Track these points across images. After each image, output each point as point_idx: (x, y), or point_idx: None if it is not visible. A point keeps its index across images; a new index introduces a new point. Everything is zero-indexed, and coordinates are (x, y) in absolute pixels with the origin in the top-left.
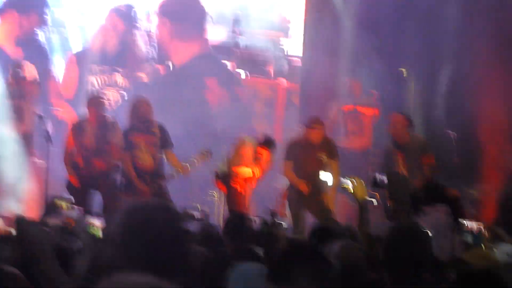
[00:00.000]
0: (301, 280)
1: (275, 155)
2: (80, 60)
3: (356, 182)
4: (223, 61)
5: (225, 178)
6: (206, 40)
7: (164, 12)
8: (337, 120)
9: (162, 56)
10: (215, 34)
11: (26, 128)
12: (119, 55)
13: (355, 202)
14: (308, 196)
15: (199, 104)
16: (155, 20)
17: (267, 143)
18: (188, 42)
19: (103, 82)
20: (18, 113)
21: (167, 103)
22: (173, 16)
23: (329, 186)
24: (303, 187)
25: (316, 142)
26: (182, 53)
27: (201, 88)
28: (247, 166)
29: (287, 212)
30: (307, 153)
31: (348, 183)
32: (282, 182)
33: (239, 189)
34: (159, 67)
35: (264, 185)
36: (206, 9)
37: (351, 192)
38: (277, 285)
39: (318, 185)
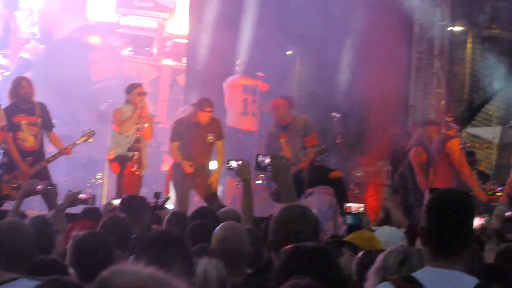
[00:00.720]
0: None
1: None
2: None
3: (242, 162)
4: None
5: (123, 160)
6: (87, 14)
7: None
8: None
9: (45, 33)
10: (99, 12)
11: None
12: (1, 39)
13: (240, 182)
14: (193, 176)
15: (83, 79)
16: None
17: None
18: (70, 16)
19: None
20: None
21: (50, 80)
22: None
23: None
24: (187, 168)
25: (204, 123)
26: (65, 27)
27: (85, 62)
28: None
29: (172, 192)
30: (195, 134)
31: (233, 163)
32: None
33: (135, 170)
34: (42, 45)
35: (152, 168)
36: None
37: (236, 172)
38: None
39: (205, 165)
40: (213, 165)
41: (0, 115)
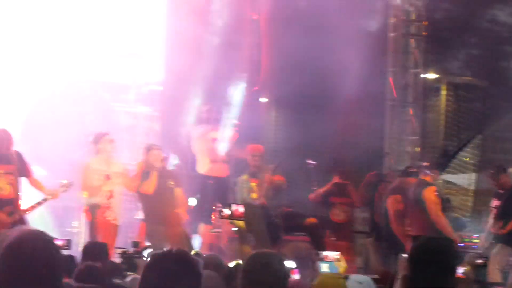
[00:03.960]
0: None
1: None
2: None
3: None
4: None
5: (92, 210)
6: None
7: None
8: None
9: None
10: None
11: None
12: None
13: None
14: (167, 227)
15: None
16: None
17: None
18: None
19: None
20: None
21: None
22: None
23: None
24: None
25: (157, 160)
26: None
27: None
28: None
29: (148, 244)
30: (159, 182)
31: (227, 211)
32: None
33: (109, 218)
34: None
35: (126, 216)
36: None
37: (230, 219)
38: None
39: (175, 214)
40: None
41: None
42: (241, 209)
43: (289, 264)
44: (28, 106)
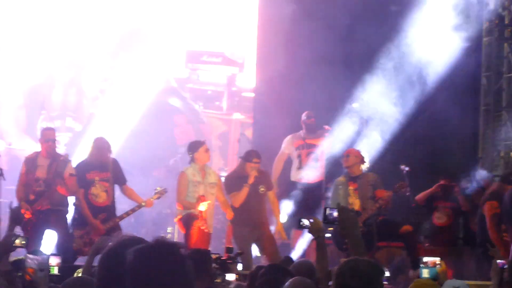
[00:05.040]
0: None
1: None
2: (29, 98)
3: (314, 220)
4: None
5: (187, 220)
6: (168, 76)
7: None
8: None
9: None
10: (169, 68)
11: None
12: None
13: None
14: (254, 230)
15: (167, 140)
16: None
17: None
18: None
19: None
20: None
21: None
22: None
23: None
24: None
25: (253, 174)
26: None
27: (170, 125)
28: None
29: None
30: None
31: (305, 222)
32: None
33: (203, 227)
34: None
35: (220, 223)
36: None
37: (308, 230)
38: None
39: (263, 218)
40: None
41: (69, 166)
42: (335, 213)
43: (383, 270)
44: (127, 114)
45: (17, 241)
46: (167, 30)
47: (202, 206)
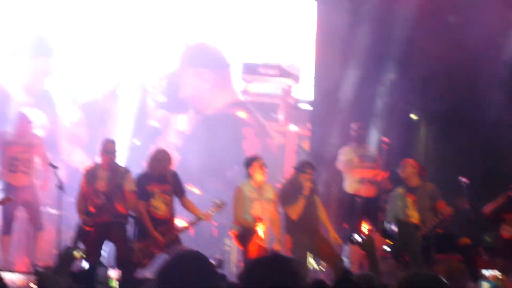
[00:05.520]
0: None
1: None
2: (88, 111)
3: (365, 236)
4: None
5: (244, 236)
6: (234, 88)
7: (189, 60)
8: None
9: (187, 104)
10: (237, 81)
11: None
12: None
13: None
14: (309, 238)
15: (236, 153)
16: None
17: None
18: (216, 90)
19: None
20: (24, 165)
21: (198, 152)
22: (197, 64)
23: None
24: None
25: (307, 185)
26: (216, 102)
27: (238, 138)
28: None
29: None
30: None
31: (357, 238)
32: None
33: (260, 243)
34: (176, 115)
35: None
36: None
37: (360, 246)
38: None
39: (318, 225)
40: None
41: (129, 179)
42: (395, 227)
43: (446, 283)
44: (186, 127)
45: (77, 254)
46: (226, 42)
47: (259, 228)
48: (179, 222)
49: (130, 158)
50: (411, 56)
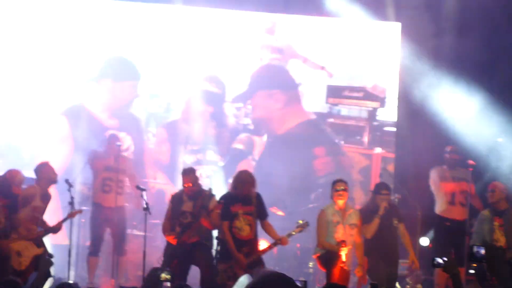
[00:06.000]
0: None
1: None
2: (171, 132)
3: (448, 259)
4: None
5: (326, 259)
6: (304, 108)
7: (258, 82)
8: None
9: (260, 125)
10: (310, 103)
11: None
12: (209, 134)
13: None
14: (386, 264)
15: (306, 172)
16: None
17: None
18: (287, 111)
19: (195, 160)
20: (117, 185)
21: (271, 172)
22: (265, 86)
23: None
24: None
25: (383, 206)
26: (287, 122)
27: (309, 157)
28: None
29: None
30: (383, 221)
31: (439, 261)
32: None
33: (342, 266)
34: (257, 137)
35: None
36: (298, 80)
37: (443, 269)
38: None
39: (396, 253)
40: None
41: (213, 201)
42: (482, 251)
43: None
44: (268, 149)
45: (163, 275)
46: (306, 66)
47: (343, 253)
48: (262, 243)
49: (215, 179)
50: (496, 75)
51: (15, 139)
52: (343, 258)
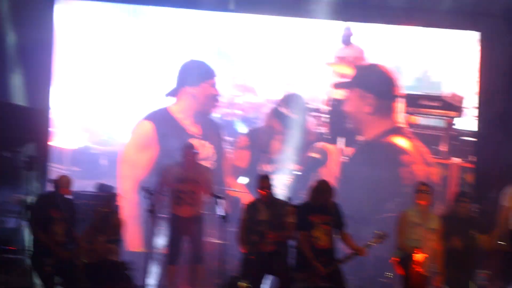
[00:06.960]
0: None
1: None
2: (250, 140)
3: None
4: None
5: (405, 262)
6: (395, 118)
7: (358, 80)
8: None
9: (350, 134)
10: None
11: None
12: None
13: None
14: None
15: (393, 180)
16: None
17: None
18: (377, 117)
19: (272, 168)
20: (190, 197)
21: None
22: (364, 86)
23: None
24: None
25: (466, 217)
26: (373, 129)
27: (396, 165)
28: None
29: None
30: (460, 228)
31: None
32: None
33: (420, 270)
34: (332, 146)
35: None
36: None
37: None
38: None
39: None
40: None
41: (289, 211)
42: None
43: None
44: (346, 157)
45: (241, 284)
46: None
47: (418, 258)
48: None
49: (292, 187)
50: None
51: (91, 147)
52: (421, 261)
